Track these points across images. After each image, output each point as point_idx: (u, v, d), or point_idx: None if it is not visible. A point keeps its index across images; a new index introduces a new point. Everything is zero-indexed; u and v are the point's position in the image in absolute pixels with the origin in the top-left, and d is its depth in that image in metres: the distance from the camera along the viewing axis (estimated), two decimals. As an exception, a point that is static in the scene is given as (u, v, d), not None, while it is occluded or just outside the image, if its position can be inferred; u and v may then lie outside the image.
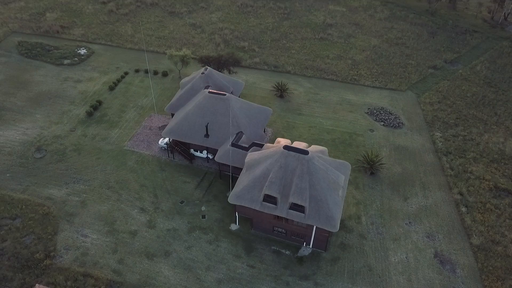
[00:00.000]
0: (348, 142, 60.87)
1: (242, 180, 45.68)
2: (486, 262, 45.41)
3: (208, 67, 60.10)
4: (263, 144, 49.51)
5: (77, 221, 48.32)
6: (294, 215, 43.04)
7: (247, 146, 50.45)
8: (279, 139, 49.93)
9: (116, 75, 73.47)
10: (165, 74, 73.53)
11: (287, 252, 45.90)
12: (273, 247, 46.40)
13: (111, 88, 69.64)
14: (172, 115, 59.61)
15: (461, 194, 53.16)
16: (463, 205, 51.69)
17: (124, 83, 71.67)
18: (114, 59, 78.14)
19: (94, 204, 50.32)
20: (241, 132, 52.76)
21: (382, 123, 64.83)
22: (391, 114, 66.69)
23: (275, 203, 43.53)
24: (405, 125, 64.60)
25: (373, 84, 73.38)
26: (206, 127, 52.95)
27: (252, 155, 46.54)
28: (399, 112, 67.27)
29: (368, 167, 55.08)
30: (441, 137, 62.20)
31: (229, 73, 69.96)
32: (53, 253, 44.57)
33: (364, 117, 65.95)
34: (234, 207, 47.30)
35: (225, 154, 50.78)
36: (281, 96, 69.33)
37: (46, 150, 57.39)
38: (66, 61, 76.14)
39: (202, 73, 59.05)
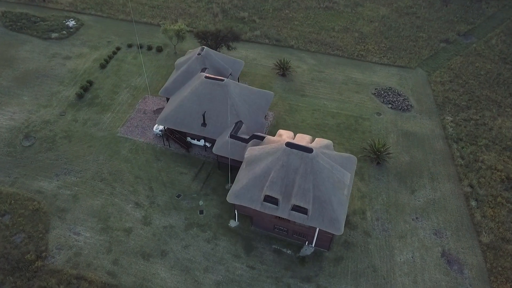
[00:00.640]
0: (353, 128, 57.62)
1: (242, 178, 43.02)
2: (495, 262, 43.68)
3: (205, 47, 55.71)
4: (264, 137, 46.38)
5: (69, 217, 46.21)
6: (296, 217, 40.76)
7: (247, 137, 47.35)
8: (281, 131, 46.69)
9: (108, 50, 68.93)
10: (159, 50, 68.97)
11: (288, 252, 44.10)
12: (274, 246, 44.55)
13: (103, 66, 65.43)
14: (167, 99, 56.03)
15: (471, 186, 50.66)
16: (473, 198, 49.35)
17: (116, 60, 67.29)
18: (105, 32, 73.17)
19: (86, 199, 48.02)
20: (241, 121, 49.45)
21: (390, 105, 61.20)
22: (399, 95, 62.88)
23: (276, 204, 41.13)
24: (414, 108, 61.03)
25: (381, 61, 68.93)
26: (203, 116, 49.60)
27: (252, 150, 43.58)
28: (408, 93, 63.44)
29: (375, 157, 52.25)
30: (451, 121, 58.81)
31: (228, 49, 65.45)
32: (44, 253, 42.77)
33: (371, 99, 62.23)
34: (233, 204, 44.99)
35: (223, 146, 47.80)
36: (283, 75, 65.23)
37: (34, 138, 54.37)
38: (54, 35, 71.25)
39: (199, 53, 54.79)
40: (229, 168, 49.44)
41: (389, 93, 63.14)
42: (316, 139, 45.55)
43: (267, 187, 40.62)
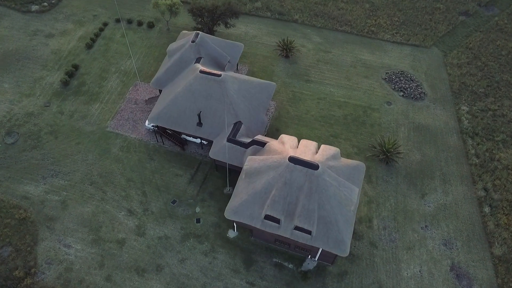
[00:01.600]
0: (361, 120, 53.40)
1: (241, 191, 39.80)
2: (506, 277, 41.67)
3: (200, 33, 50.02)
4: (265, 143, 42.48)
5: (58, 227, 43.63)
6: (299, 236, 38.06)
7: (246, 142, 43.48)
8: (283, 137, 42.50)
9: (94, 26, 62.81)
10: (150, 26, 62.84)
11: (290, 266, 41.94)
12: (274, 259, 42.33)
13: (89, 46, 59.81)
14: (160, 90, 51.38)
15: (485, 189, 47.55)
16: (487, 204, 46.44)
17: (103, 38, 61.45)
18: (91, 3, 66.44)
19: (76, 205, 45.16)
20: (240, 122, 45.29)
21: (402, 93, 56.45)
22: (412, 80, 57.85)
23: (278, 222, 38.27)
24: (428, 96, 56.32)
25: (393, 39, 62.96)
26: (199, 115, 45.38)
27: (252, 161, 39.90)
28: (421, 78, 58.36)
29: (384, 157, 48.67)
30: (467, 112, 54.44)
31: (226, 26, 59.38)
32: (34, 269, 40.66)
33: (381, 85, 57.33)
34: (232, 214, 42.16)
35: (221, 150, 44.08)
36: (286, 56, 59.78)
37: (18, 133, 50.48)
38: (34, 7, 64.70)
39: (193, 41, 49.27)
40: (227, 172, 46.08)
41: (401, 78, 58.07)
42: (322, 146, 41.67)
43: (268, 206, 37.55)
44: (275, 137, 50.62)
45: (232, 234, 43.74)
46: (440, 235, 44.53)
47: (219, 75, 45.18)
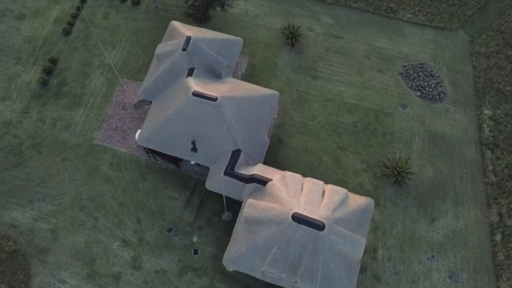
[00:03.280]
0: (372, 128, 48.64)
1: (239, 239, 37.22)
2: (510, 314, 41.19)
3: (191, 38, 42.89)
4: (267, 182, 38.68)
5: (51, 260, 42.02)
6: (301, 289, 36.52)
7: (245, 176, 39.65)
8: (286, 176, 38.37)
9: (70, 4, 54.41)
10: (135, 3, 54.43)
11: (290, 302, 41.18)
12: (275, 295, 41.47)
13: (67, 32, 52.38)
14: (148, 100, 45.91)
15: (500, 214, 44.92)
16: (499, 231, 44.18)
17: (82, 20, 53.56)
18: (64, -30, 56.91)
19: (67, 234, 43.02)
20: (238, 150, 40.94)
21: (419, 92, 50.67)
22: (432, 76, 51.58)
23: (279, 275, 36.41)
24: (448, 95, 50.66)
25: (415, 19, 54.81)
26: (193, 143, 40.92)
27: (252, 209, 36.59)
28: (442, 72, 51.99)
29: (394, 176, 45.15)
30: (490, 117, 49.39)
31: (222, 9, 51.24)
32: (30, 308, 40.10)
33: (397, 82, 51.27)
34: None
35: (217, 182, 40.50)
36: (292, 45, 52.64)
37: (-3, 148, 46.48)
38: (-2, -23, 55.55)
39: (184, 49, 42.46)
40: (224, 200, 43.00)
41: (420, 73, 51.68)
42: (328, 189, 37.91)
43: (269, 265, 35.34)
44: (277, 152, 46.67)
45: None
46: (447, 266, 43.03)
47: (215, 99, 39.66)
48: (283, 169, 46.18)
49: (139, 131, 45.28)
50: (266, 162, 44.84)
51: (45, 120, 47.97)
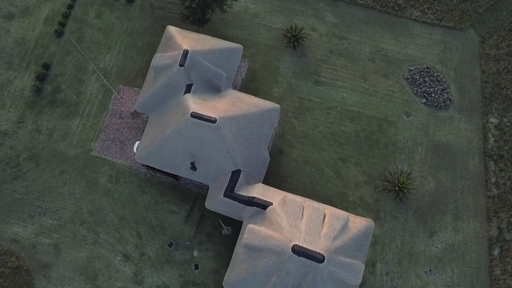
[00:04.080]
0: (375, 138, 47.68)
1: (239, 263, 37.52)
2: (502, 328, 42.36)
3: (189, 52, 40.90)
4: (267, 206, 38.39)
5: (54, 275, 42.70)
6: (300, 312, 37.30)
7: (245, 198, 39.30)
8: (287, 200, 38.02)
9: (61, 2, 51.61)
10: (129, 0, 51.59)
11: (289, 317, 42.26)
12: (274, 310, 42.43)
13: (58, 33, 50.11)
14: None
15: (499, 229, 45.02)
16: (498, 245, 44.49)
17: (74, 20, 51.06)
18: (53, -38, 53.47)
19: (69, 249, 43.44)
20: (238, 170, 40.32)
21: (425, 99, 49.17)
22: (438, 81, 49.85)
23: (279, 299, 37.08)
24: (454, 103, 49.23)
25: (423, 18, 52.14)
26: (192, 164, 40.24)
27: (252, 236, 36.52)
28: (449, 77, 50.20)
29: (395, 192, 44.83)
30: (495, 126, 48.28)
31: (221, 10, 48.63)
32: (36, 323, 41.27)
33: (402, 88, 49.64)
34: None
35: (217, 203, 40.28)
36: (294, 47, 50.45)
37: (-6, 160, 45.88)
38: (-17, -29, 52.34)
39: (181, 65, 40.66)
40: (220, 221, 42.96)
41: (426, 78, 49.89)
42: (328, 214, 37.68)
43: (269, 293, 35.87)
44: (277, 164, 46.11)
45: (231, 282, 42.98)
46: (444, 280, 43.74)
47: (214, 121, 38.53)
48: (283, 182, 45.93)
49: (137, 143, 44.53)
50: (266, 174, 44.33)
51: (41, 131, 47.03)
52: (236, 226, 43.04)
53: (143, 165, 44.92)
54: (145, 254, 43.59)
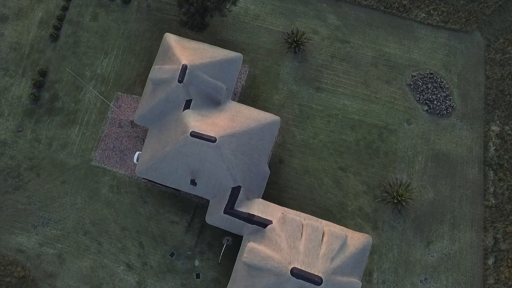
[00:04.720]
0: (375, 146, 47.56)
1: (239, 280, 38.50)
2: (493, 335, 44.00)
3: (187, 67, 40.03)
4: (267, 225, 38.90)
5: (59, 284, 43.91)
6: (298, 326, 38.68)
7: (245, 215, 39.73)
8: (287, 217, 38.40)
9: (55, 4, 49.97)
10: (126, 1, 49.96)
11: (288, 324, 43.82)
12: (273, 317, 43.93)
13: (54, 37, 48.87)
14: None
15: (495, 238, 45.77)
16: (492, 255, 45.40)
17: (69, 23, 49.63)
18: (45, -41, 51.32)
19: (73, 259, 44.43)
20: (239, 187, 40.53)
21: (427, 107, 48.63)
22: (441, 88, 49.10)
23: (277, 314, 38.34)
24: (456, 110, 48.72)
25: (428, 20, 50.61)
26: (193, 181, 40.43)
27: (252, 255, 37.24)
28: (453, 83, 49.39)
29: (394, 203, 45.25)
30: (497, 134, 48.05)
31: (221, 15, 47.13)
32: (44, 331, 42.88)
33: (404, 94, 48.97)
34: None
35: (217, 218, 40.82)
36: (295, 52, 49.33)
37: (-5, 171, 46.04)
38: (-27, -31, 50.37)
39: (180, 81, 39.91)
40: (220, 251, 43.70)
41: (429, 84, 49.12)
42: (327, 233, 38.17)
43: (268, 311, 37.01)
44: (277, 173, 46.29)
45: (232, 290, 44.27)
46: (438, 289, 45.07)
47: (214, 140, 38.34)
48: (283, 191, 46.28)
49: (137, 153, 44.62)
50: (266, 185, 44.53)
51: (41, 140, 46.89)
52: (237, 236, 43.73)
53: (143, 179, 45.09)
54: (148, 263, 44.65)
